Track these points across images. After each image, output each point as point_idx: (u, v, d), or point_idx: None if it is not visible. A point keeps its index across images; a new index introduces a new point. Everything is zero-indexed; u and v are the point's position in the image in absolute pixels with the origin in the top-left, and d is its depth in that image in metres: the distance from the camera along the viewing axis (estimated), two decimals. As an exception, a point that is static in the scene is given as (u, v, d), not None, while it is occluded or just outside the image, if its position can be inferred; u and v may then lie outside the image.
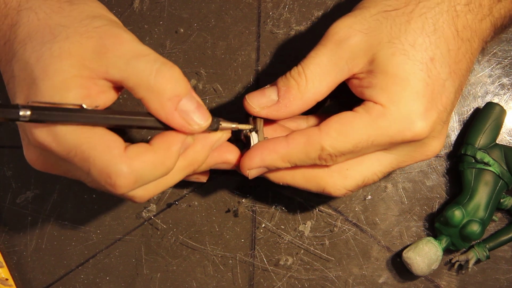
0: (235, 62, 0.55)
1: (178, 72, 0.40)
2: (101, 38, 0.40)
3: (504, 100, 0.55)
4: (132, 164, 0.38)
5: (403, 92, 0.42)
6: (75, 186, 0.55)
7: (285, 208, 0.54)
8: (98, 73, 0.39)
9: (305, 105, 0.44)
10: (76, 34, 0.40)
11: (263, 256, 0.54)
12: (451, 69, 0.43)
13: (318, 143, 0.42)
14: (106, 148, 0.38)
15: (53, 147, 0.39)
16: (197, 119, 0.41)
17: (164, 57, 0.40)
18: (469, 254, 0.53)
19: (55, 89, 0.39)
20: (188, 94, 0.40)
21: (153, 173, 0.40)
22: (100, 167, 0.38)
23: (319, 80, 0.43)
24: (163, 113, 0.40)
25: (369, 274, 0.54)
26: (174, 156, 0.40)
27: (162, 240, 0.55)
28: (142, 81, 0.39)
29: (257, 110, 0.45)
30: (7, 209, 0.55)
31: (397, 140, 0.43)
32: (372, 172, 0.45)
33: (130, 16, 0.56)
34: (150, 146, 0.40)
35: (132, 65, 0.39)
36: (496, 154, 0.52)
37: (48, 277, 0.55)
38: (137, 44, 0.40)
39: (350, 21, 0.43)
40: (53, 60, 0.39)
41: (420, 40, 0.42)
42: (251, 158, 0.44)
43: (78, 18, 0.41)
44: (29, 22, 0.41)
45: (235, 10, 0.55)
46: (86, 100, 0.39)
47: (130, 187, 0.39)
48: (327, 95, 0.44)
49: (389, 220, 0.54)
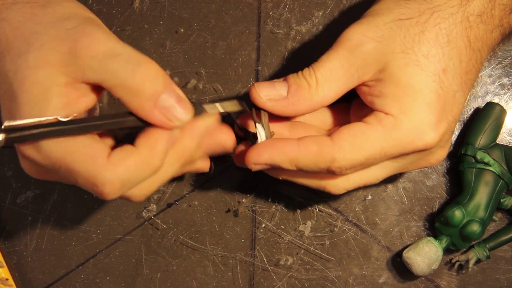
0: (235, 62, 0.55)
1: (154, 68, 0.39)
2: (74, 40, 0.39)
3: (504, 100, 0.55)
4: (117, 170, 0.38)
5: (415, 103, 0.41)
6: (75, 186, 0.55)
7: (285, 208, 0.54)
8: (75, 77, 0.39)
9: (312, 107, 0.44)
10: (50, 40, 0.39)
11: (263, 256, 0.54)
12: (462, 80, 0.43)
13: (330, 154, 0.42)
14: (89, 158, 0.38)
15: (39, 161, 0.39)
16: (178, 114, 0.40)
17: (143, 54, 0.40)
18: (469, 254, 0.53)
19: (34, 102, 0.38)
20: (166, 89, 0.40)
21: (140, 175, 0.39)
22: (85, 178, 0.38)
23: (329, 85, 0.43)
24: (143, 113, 0.39)
25: (369, 274, 0.54)
26: (160, 154, 0.40)
27: (162, 240, 0.55)
28: (119, 82, 0.39)
29: (264, 101, 0.44)
30: (7, 209, 0.55)
31: (409, 150, 0.42)
32: (375, 178, 0.46)
33: (130, 16, 0.56)
34: (134, 148, 0.40)
35: (107, 66, 0.38)
36: (496, 154, 0.52)
37: (48, 277, 0.55)
38: (111, 43, 0.39)
39: (363, 28, 0.43)
40: (29, 72, 0.38)
41: (433, 51, 0.42)
42: (259, 154, 0.43)
43: (51, 22, 0.40)
44: (5, 34, 0.40)
45: (235, 10, 0.55)
46: (67, 108, 0.39)
47: (118, 193, 0.39)
48: (334, 101, 0.44)
49: (389, 220, 0.54)
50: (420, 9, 0.43)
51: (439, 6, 0.43)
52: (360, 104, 0.46)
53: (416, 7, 0.43)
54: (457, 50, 0.42)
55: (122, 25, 0.56)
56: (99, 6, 0.56)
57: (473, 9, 0.43)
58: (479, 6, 0.43)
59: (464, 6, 0.43)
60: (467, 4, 0.43)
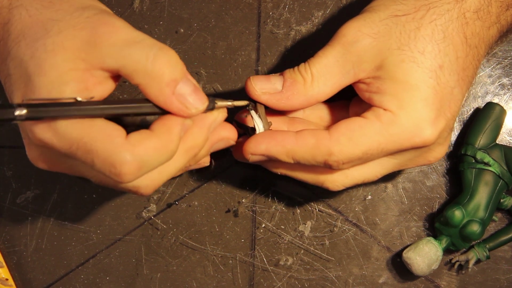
0: (235, 62, 0.55)
1: (175, 56, 0.40)
2: (94, 28, 0.39)
3: (504, 100, 0.55)
4: (135, 150, 0.38)
5: (413, 99, 0.42)
6: (75, 186, 0.55)
7: (285, 208, 0.54)
8: (94, 64, 0.39)
9: (307, 102, 0.44)
10: (68, 27, 0.39)
11: (263, 256, 0.54)
12: (459, 76, 0.43)
13: (327, 147, 0.42)
14: (107, 138, 0.38)
15: (54, 143, 0.39)
16: (194, 102, 0.40)
17: (162, 43, 0.40)
18: (469, 254, 0.53)
19: (52, 84, 0.38)
20: (184, 78, 0.40)
21: (157, 158, 0.39)
22: (104, 157, 0.38)
23: (324, 81, 0.43)
24: (161, 98, 0.40)
25: (369, 274, 0.54)
26: (176, 138, 0.40)
27: (162, 240, 0.55)
28: (139, 68, 0.39)
29: (258, 94, 0.45)
30: (7, 209, 0.55)
31: (406, 147, 0.42)
32: (373, 174, 0.46)
33: (130, 16, 0.56)
34: (151, 131, 0.40)
35: (128, 53, 0.39)
36: (496, 154, 0.52)
37: (48, 277, 0.55)
38: (131, 31, 0.40)
39: (359, 23, 0.43)
40: (48, 55, 0.39)
41: (429, 47, 0.42)
42: (257, 144, 0.44)
43: (69, 11, 0.41)
44: (21, 20, 0.41)
45: (235, 10, 0.55)
46: (83, 92, 0.39)
47: (135, 174, 0.39)
48: (330, 97, 0.44)
49: (389, 220, 0.54)
50: (416, 6, 0.43)
51: (435, 2, 0.43)
52: (359, 101, 0.46)
53: (412, 4, 0.43)
54: (453, 47, 0.43)
55: (122, 25, 0.56)
56: (99, 6, 0.56)
57: (470, 6, 0.43)
58: (476, 3, 0.43)
59: (460, 3, 0.43)
60: (464, 0, 0.43)
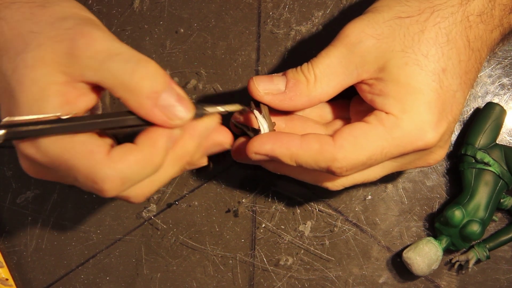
0: (235, 62, 0.55)
1: (154, 67, 0.39)
2: (72, 40, 0.39)
3: (504, 100, 0.55)
4: (117, 166, 0.38)
5: (416, 102, 0.42)
6: (75, 186, 0.55)
7: (285, 208, 0.54)
8: (74, 77, 0.39)
9: (310, 103, 0.44)
10: (47, 40, 0.39)
11: (263, 256, 0.54)
12: (461, 79, 0.43)
13: (331, 153, 0.42)
14: (88, 154, 0.38)
15: (38, 158, 0.39)
16: (179, 112, 0.39)
17: (142, 54, 0.39)
18: (469, 254, 0.53)
19: (33, 100, 0.38)
20: (167, 88, 0.39)
21: (141, 172, 0.39)
22: (85, 174, 0.38)
23: (327, 81, 0.43)
24: (143, 112, 0.39)
25: (369, 274, 0.54)
26: (161, 152, 0.39)
27: (162, 240, 0.55)
28: (118, 81, 0.38)
29: (261, 94, 0.44)
30: (7, 209, 0.55)
31: (409, 150, 0.42)
32: (373, 175, 0.46)
33: (130, 16, 0.56)
34: (135, 145, 0.39)
35: (106, 66, 0.38)
36: (496, 154, 0.51)
37: (48, 277, 0.55)
38: (110, 42, 0.39)
39: (362, 24, 0.43)
40: (27, 71, 0.38)
41: (433, 51, 0.42)
42: (262, 144, 0.43)
43: (49, 22, 0.40)
44: (3, 33, 0.40)
45: (235, 10, 0.55)
46: (65, 106, 0.39)
47: (118, 189, 0.39)
48: (332, 97, 0.44)
49: (389, 220, 0.54)
50: (421, 8, 0.43)
51: (439, 5, 0.43)
52: (359, 100, 0.46)
53: (417, 6, 0.43)
54: (457, 50, 0.42)
55: (122, 25, 0.56)
56: (99, 6, 0.56)
57: (473, 9, 0.43)
58: (479, 6, 0.43)
59: (464, 6, 0.43)
60: (467, 3, 0.43)
